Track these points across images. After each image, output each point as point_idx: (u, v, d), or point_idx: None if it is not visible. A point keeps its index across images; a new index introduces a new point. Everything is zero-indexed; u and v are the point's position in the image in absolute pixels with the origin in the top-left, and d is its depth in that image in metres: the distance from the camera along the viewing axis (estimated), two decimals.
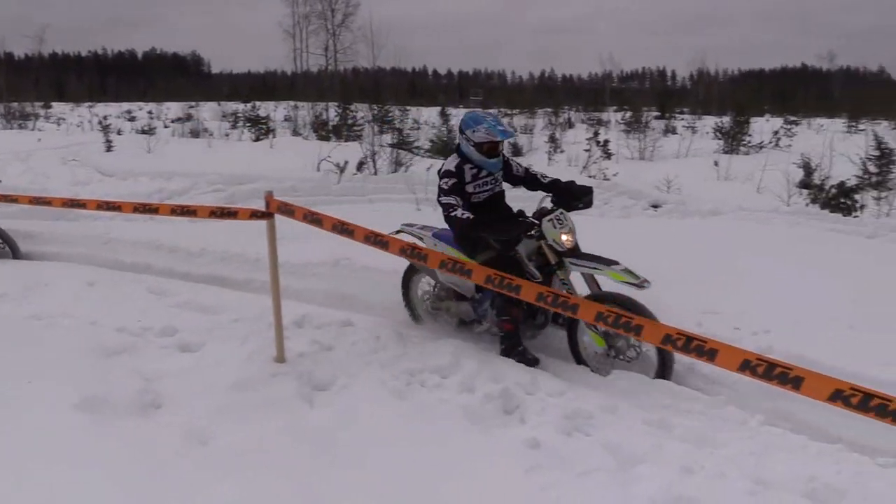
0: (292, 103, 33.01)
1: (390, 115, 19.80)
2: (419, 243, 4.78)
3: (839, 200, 11.04)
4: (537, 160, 19.98)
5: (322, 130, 23.35)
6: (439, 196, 4.67)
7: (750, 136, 23.25)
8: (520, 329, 4.71)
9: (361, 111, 22.44)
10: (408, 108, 23.18)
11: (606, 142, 18.26)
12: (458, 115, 27.03)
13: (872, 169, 14.27)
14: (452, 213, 4.53)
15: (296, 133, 25.14)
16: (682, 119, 37.54)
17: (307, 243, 6.33)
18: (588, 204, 4.82)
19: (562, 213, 4.62)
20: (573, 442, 3.46)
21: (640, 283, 4.25)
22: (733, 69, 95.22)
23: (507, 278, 3.55)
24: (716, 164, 16.75)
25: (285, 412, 3.66)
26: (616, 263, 4.42)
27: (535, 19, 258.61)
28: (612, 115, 36.87)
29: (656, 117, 32.95)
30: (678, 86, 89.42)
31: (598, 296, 4.47)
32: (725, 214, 9.31)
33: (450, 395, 3.92)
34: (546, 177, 4.96)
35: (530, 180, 4.96)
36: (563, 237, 4.52)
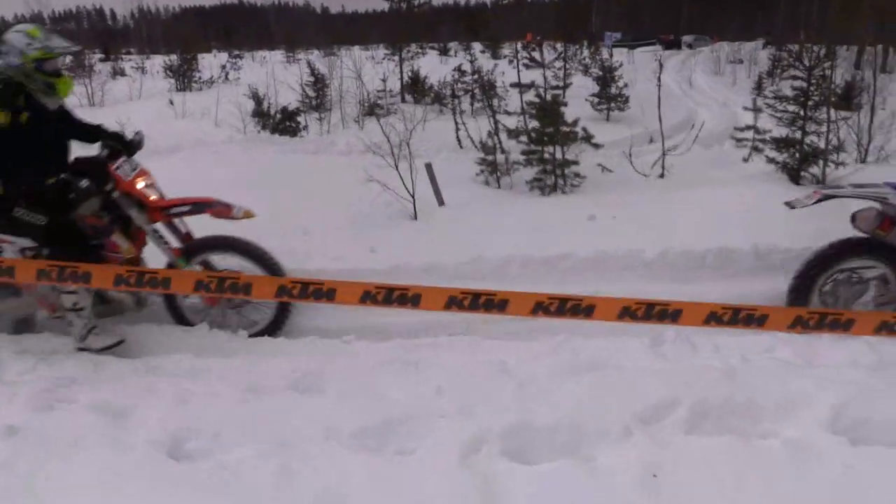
0: None
1: None
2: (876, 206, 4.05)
3: (286, 124, 12.07)
4: None
5: None
6: None
7: (200, 72, 23.48)
8: None
9: None
10: None
11: None
12: None
13: (311, 93, 16.00)
14: None
15: None
16: (130, 60, 35.97)
17: None
18: None
19: None
20: (57, 414, 3.20)
21: None
22: (174, 6, 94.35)
23: None
24: (171, 102, 16.54)
25: None
26: None
27: None
28: None
29: (101, 60, 30.96)
30: (120, 26, 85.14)
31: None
32: (185, 150, 9.35)
33: None
34: None
35: None
36: None
